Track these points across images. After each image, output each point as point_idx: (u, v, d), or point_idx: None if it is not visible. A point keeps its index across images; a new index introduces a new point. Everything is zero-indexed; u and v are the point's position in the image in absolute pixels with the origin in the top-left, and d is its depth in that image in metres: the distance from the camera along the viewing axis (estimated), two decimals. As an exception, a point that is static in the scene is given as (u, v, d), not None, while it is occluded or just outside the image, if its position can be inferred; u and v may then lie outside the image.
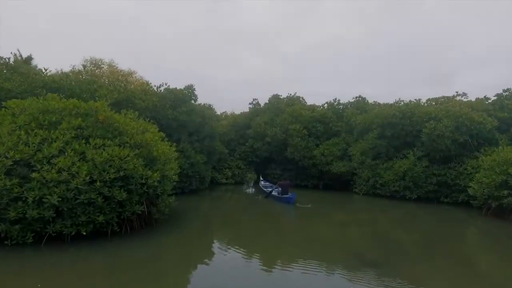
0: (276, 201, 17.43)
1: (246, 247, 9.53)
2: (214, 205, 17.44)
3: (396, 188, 18.48)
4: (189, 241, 10.32)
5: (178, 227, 11.60)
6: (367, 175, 19.98)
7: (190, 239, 10.61)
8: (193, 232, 11.38)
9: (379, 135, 19.90)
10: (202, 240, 10.55)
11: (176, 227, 11.48)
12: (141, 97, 16.12)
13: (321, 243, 10.27)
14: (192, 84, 19.36)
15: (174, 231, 11.00)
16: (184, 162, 17.17)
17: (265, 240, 10.72)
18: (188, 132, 18.61)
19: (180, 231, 11.22)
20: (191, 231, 11.44)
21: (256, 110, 27.34)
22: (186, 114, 18.03)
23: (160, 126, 16.72)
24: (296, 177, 24.09)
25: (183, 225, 12.05)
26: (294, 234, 11.70)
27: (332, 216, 15.69)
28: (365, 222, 13.83)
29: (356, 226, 13.19)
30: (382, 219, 15.24)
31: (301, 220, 14.49)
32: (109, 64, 20.69)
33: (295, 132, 22.85)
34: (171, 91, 18.34)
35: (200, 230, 11.82)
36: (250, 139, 25.08)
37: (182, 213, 13.67)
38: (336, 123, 23.78)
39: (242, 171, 25.05)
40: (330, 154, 21.85)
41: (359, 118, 21.78)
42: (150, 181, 9.33)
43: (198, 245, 9.68)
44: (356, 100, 25.05)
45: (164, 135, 13.17)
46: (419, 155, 18.20)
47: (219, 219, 14.10)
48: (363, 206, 18.48)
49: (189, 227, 11.89)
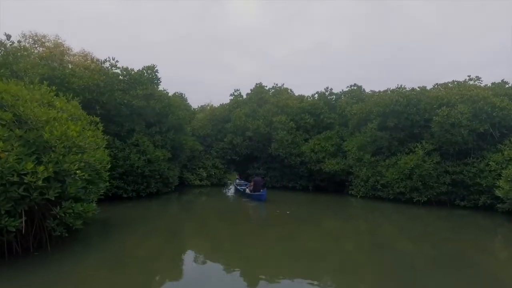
0: (248, 199, 16.12)
1: (220, 260, 7.53)
2: (178, 211, 13.86)
3: (401, 189, 15.20)
4: (117, 262, 6.87)
5: (103, 243, 8.09)
6: (365, 174, 16.68)
7: (118, 257, 7.19)
8: (121, 247, 7.90)
9: (380, 126, 16.65)
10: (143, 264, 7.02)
11: (101, 243, 7.97)
12: (80, 75, 12.57)
13: (311, 256, 8.08)
14: (154, 65, 15.85)
15: (89, 250, 7.51)
16: (138, 158, 13.63)
17: (245, 252, 8.37)
18: (146, 122, 15.08)
19: (104, 248, 7.76)
20: (118, 247, 7.96)
21: (237, 101, 23.93)
22: (143, 100, 14.51)
23: (105, 112, 13.20)
24: (282, 178, 20.69)
25: (114, 239, 8.57)
26: (278, 244, 9.10)
27: (324, 224, 12.45)
28: (364, 231, 11.28)
29: (353, 235, 10.69)
30: (384, 227, 12.09)
31: (287, 228, 11.29)
32: (55, 42, 17.10)
33: (280, 125, 19.49)
34: (125, 70, 14.80)
35: (135, 243, 8.31)
36: (229, 134, 21.63)
37: (122, 224, 10.14)
38: (328, 114, 20.49)
39: (219, 171, 21.53)
40: (322, 150, 18.51)
41: (355, 107, 18.54)
42: (31, 179, 5.79)
43: (130, 271, 6.18)
44: (351, 88, 21.83)
45: (98, 121, 9.72)
46: (429, 149, 14.95)
47: (178, 228, 10.61)
48: (361, 211, 15.19)
49: (119, 241, 8.42)
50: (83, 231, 8.76)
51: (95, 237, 8.98)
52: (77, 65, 13.52)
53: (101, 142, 9.10)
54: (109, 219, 10.84)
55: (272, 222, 12.18)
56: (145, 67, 15.62)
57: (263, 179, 18.10)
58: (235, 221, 12.24)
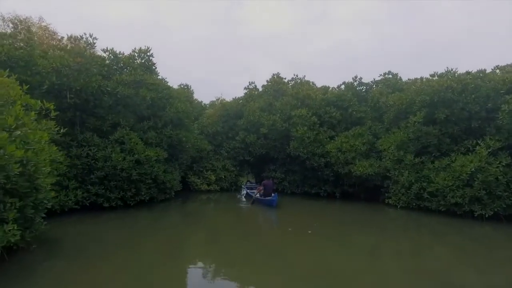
0: (258, 204, 14.31)
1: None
2: (171, 225, 11.05)
3: (457, 200, 11.80)
4: None
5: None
6: (407, 180, 13.36)
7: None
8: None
9: (426, 119, 13.30)
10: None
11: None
12: (49, 56, 10.11)
13: (341, 280, 6.39)
14: (149, 47, 13.27)
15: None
16: (123, 158, 11.00)
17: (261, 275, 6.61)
18: (137, 115, 12.48)
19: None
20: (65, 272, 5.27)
21: (251, 95, 21.06)
22: (131, 88, 11.92)
23: (82, 102, 10.68)
24: (302, 183, 17.61)
25: (55, 273, 5.86)
26: (300, 264, 7.20)
27: (355, 240, 9.66)
28: (407, 253, 8.61)
29: (392, 258, 8.12)
30: (434, 248, 9.14)
31: (310, 244, 8.69)
32: (39, 27, 14.86)
33: (300, 120, 16.44)
34: (110, 52, 12.28)
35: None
36: (241, 132, 18.78)
37: (81, 245, 7.44)
38: (357, 107, 17.24)
39: (230, 174, 18.70)
40: (351, 150, 15.31)
41: (392, 97, 15.21)
42: None
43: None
44: (385, 77, 18.44)
45: (51, 107, 7.18)
46: (495, 148, 11.48)
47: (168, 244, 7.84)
48: (402, 226, 11.99)
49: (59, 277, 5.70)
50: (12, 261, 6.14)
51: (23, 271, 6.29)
52: (49, 45, 11.06)
53: (44, 136, 6.47)
54: (68, 238, 8.20)
55: (290, 238, 9.20)
56: (137, 49, 13.06)
57: (274, 182, 16.08)
58: (247, 237, 9.37)
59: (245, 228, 10.78)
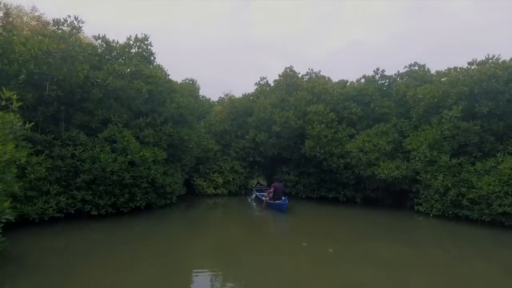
0: (267, 209, 13.22)
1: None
2: (168, 238, 9.51)
3: (505, 209, 9.94)
4: None
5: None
6: (442, 184, 11.54)
7: None
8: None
9: (464, 113, 11.46)
10: None
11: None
12: (29, 42, 8.77)
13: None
14: (146, 35, 11.87)
15: None
16: (114, 159, 9.58)
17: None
18: (132, 110, 11.07)
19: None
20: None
21: (262, 91, 19.49)
22: (125, 79, 10.51)
23: (66, 94, 9.31)
24: (319, 186, 15.92)
25: None
26: (321, 278, 6.10)
27: (381, 254, 7.89)
28: (443, 269, 6.94)
29: (429, 275, 6.58)
30: (476, 265, 7.49)
31: (329, 257, 6.98)
32: (32, 17, 13.67)
33: (316, 117, 14.77)
34: (102, 39, 10.92)
35: None
36: (252, 130, 17.21)
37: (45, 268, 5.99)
38: (381, 102, 15.45)
39: (239, 176, 17.15)
40: (374, 150, 13.55)
41: (422, 90, 13.40)
42: None
43: None
44: (410, 69, 16.58)
45: (15, 98, 5.82)
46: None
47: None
48: (436, 237, 10.20)
49: None
50: None
51: None
52: (33, 31, 9.75)
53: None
54: (41, 255, 6.74)
55: (306, 255, 7.57)
56: (133, 37, 11.66)
57: (284, 185, 15.00)
58: (254, 255, 7.76)
59: (252, 244, 9.17)
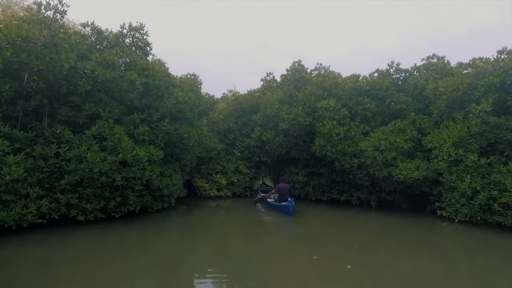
0: (273, 211, 12.74)
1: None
2: (165, 250, 8.51)
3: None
4: None
5: None
6: (468, 186, 10.33)
7: None
8: None
9: (495, 107, 10.24)
10: None
11: None
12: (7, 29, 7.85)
13: None
14: (142, 24, 10.90)
15: None
16: (103, 159, 8.60)
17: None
18: (125, 105, 10.09)
19: None
20: None
21: (269, 86, 18.42)
22: (117, 69, 9.54)
23: (48, 86, 8.35)
24: (330, 188, 14.80)
25: None
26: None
27: (403, 265, 6.69)
28: (472, 282, 6.13)
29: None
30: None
31: (345, 273, 5.85)
32: (21, 7, 12.82)
33: (327, 113, 13.66)
34: (93, 28, 9.97)
35: None
36: (257, 128, 16.16)
37: None
38: (397, 97, 14.26)
39: (244, 177, 16.11)
40: (391, 148, 12.37)
41: (443, 83, 12.20)
42: None
43: None
44: (428, 61, 15.33)
45: None
46: None
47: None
48: (463, 246, 9.09)
49: None
50: None
51: None
52: (15, 17, 8.85)
53: None
54: (15, 269, 5.76)
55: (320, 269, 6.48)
56: (126, 25, 10.69)
57: (290, 185, 13.97)
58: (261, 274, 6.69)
59: (257, 256, 8.09)
